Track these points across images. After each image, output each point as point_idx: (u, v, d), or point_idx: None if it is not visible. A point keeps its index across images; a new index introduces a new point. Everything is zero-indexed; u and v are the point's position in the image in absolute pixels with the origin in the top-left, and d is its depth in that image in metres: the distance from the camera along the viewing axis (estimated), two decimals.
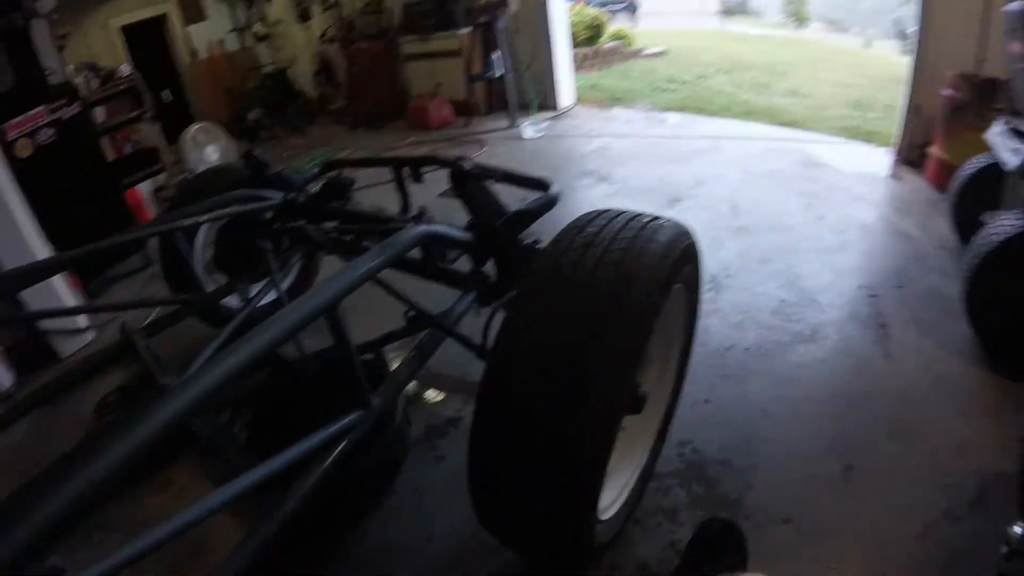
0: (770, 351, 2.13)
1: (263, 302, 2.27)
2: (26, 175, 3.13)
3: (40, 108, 3.27)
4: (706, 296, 2.50)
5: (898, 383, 1.92)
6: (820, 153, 3.94)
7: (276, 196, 2.26)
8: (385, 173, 2.31)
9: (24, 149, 3.24)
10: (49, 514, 0.68)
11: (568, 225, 1.30)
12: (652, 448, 1.60)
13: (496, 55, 5.46)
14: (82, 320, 3.17)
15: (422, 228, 1.44)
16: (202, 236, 2.49)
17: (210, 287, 2.45)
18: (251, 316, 2.08)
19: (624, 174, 4.10)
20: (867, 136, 4.37)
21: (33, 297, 2.67)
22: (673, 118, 5.25)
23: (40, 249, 2.99)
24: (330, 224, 2.15)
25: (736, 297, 2.47)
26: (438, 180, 2.04)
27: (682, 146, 4.46)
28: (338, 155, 5.89)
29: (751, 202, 3.34)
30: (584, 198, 3.87)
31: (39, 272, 1.86)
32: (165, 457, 1.56)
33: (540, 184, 1.91)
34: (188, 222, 2.01)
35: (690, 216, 3.27)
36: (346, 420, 1.33)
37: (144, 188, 4.52)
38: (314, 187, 2.38)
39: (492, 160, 4.93)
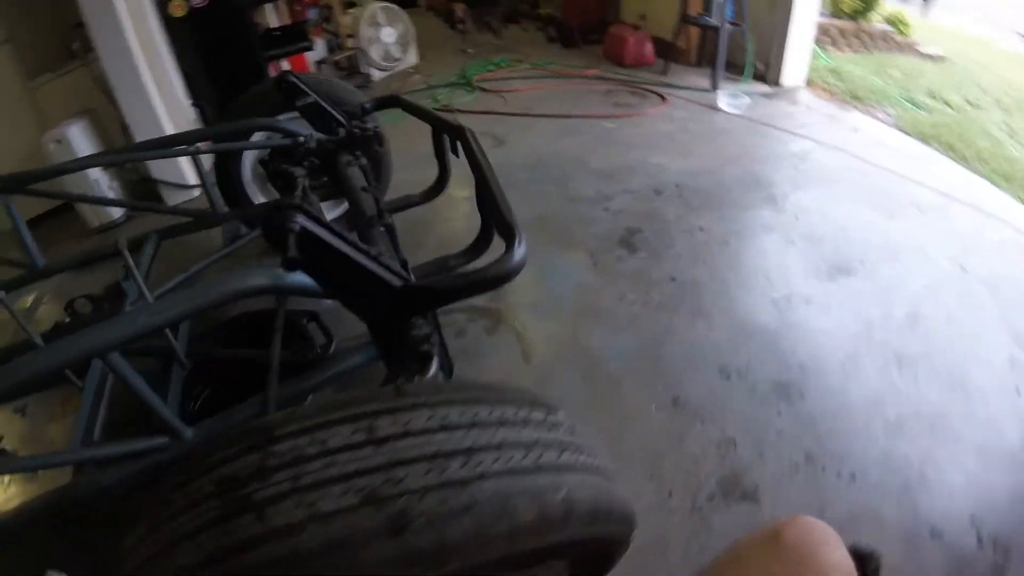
0: None
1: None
2: (178, 34, 3.50)
3: None
4: (772, 463, 1.83)
5: None
6: None
7: (301, 132, 2.03)
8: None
9: (178, 9, 3.46)
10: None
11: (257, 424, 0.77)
12: None
13: None
14: (191, 177, 3.52)
15: (263, 280, 1.02)
16: (251, 154, 2.56)
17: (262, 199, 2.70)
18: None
19: (802, 203, 3.23)
20: None
21: None
22: (908, 146, 4.03)
23: (180, 104, 3.50)
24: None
25: (803, 494, 1.76)
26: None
27: (900, 190, 3.37)
28: (520, 64, 5.50)
29: (941, 320, 2.40)
30: (731, 221, 3.11)
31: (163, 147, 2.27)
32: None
33: (507, 233, 1.14)
34: (206, 150, 2.15)
35: (844, 307, 2.46)
36: (149, 442, 1.13)
37: (312, 56, 4.73)
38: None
39: (662, 125, 4.21)
